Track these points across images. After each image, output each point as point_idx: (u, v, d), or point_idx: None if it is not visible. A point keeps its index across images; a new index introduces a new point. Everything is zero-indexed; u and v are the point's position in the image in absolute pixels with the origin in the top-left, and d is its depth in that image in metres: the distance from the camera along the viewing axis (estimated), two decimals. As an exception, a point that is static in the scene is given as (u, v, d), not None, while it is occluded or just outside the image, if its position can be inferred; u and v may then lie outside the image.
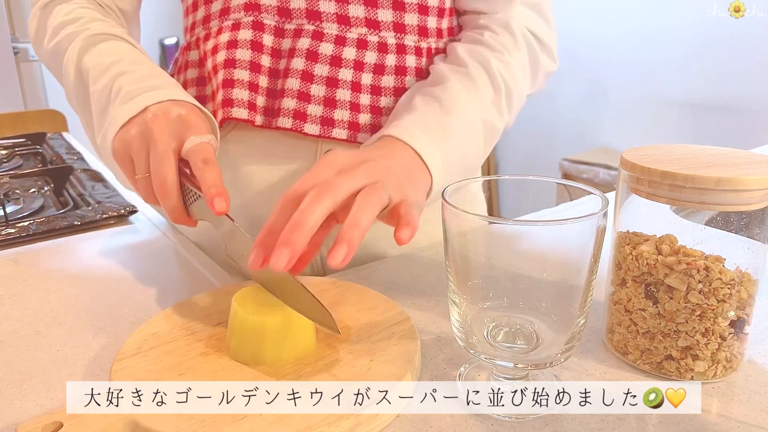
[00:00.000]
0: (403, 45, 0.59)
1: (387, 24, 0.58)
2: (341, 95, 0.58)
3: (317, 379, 0.39)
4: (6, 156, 1.09)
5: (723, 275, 0.38)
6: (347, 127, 0.58)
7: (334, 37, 0.57)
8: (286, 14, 0.57)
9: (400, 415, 0.38)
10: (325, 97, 0.57)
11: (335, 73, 0.57)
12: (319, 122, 0.57)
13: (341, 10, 0.57)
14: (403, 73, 0.60)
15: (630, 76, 2.51)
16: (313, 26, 0.57)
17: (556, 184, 0.78)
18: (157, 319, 0.46)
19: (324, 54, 0.57)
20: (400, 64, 0.59)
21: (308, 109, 0.57)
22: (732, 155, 0.41)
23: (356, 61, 0.58)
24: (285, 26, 0.57)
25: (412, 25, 0.59)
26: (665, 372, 0.41)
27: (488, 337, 0.39)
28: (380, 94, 0.59)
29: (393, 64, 0.59)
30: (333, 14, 0.57)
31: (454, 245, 0.37)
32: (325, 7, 0.57)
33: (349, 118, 0.58)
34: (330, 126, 0.58)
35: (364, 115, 0.58)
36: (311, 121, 0.57)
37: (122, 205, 0.79)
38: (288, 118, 0.57)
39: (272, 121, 0.57)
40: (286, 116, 0.57)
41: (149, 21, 2.64)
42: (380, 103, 0.59)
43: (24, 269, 0.63)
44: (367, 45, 0.58)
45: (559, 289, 0.37)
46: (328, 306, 0.46)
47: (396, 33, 0.59)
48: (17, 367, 0.45)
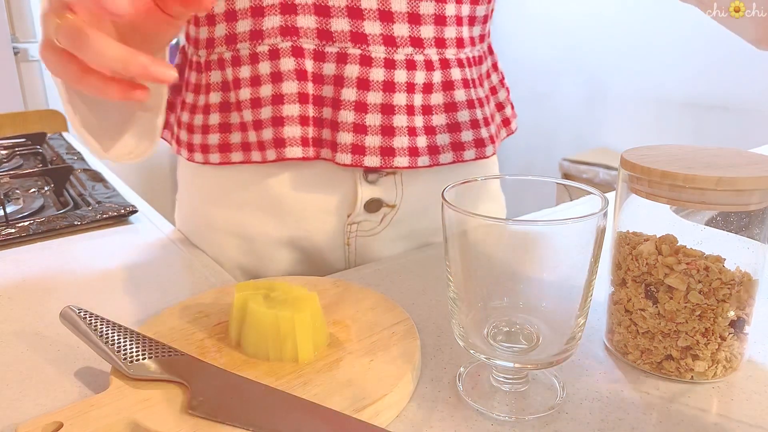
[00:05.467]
0: (446, 60, 0.57)
1: (429, 40, 0.55)
2: (398, 121, 0.55)
3: (317, 379, 0.39)
4: (6, 156, 1.09)
5: (723, 275, 0.38)
6: (408, 154, 0.56)
7: (383, 60, 0.54)
8: (327, 37, 0.53)
9: (400, 415, 0.38)
10: (382, 125, 0.55)
11: (389, 99, 0.55)
12: (378, 153, 0.55)
13: (386, 30, 0.53)
14: (451, 87, 0.58)
15: (630, 76, 2.51)
16: (359, 50, 0.53)
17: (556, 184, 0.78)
18: (157, 319, 0.46)
19: (376, 80, 0.54)
20: (446, 80, 0.58)
21: (366, 141, 0.55)
22: (732, 155, 0.41)
23: (408, 83, 0.55)
24: (325, 49, 0.53)
25: (451, 38, 0.57)
26: (665, 372, 0.41)
27: (488, 337, 0.39)
28: (431, 113, 0.57)
29: (440, 81, 0.57)
30: (379, 35, 0.53)
31: (454, 245, 0.37)
32: (371, 28, 0.53)
33: (408, 144, 0.56)
34: (390, 156, 0.55)
35: (420, 137, 0.57)
36: (370, 153, 0.55)
37: (122, 205, 0.79)
38: (347, 153, 0.55)
39: (329, 154, 0.55)
40: (344, 152, 0.55)
41: (149, 21, 2.61)
42: (432, 122, 0.57)
43: (24, 269, 0.63)
44: (415, 65, 0.55)
45: (559, 289, 0.37)
46: (328, 306, 0.46)
47: (438, 48, 0.56)
48: (17, 367, 0.45)
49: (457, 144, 0.59)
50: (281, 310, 0.41)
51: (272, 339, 0.41)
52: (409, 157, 0.56)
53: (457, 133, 0.59)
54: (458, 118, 0.59)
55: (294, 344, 0.40)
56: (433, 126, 0.57)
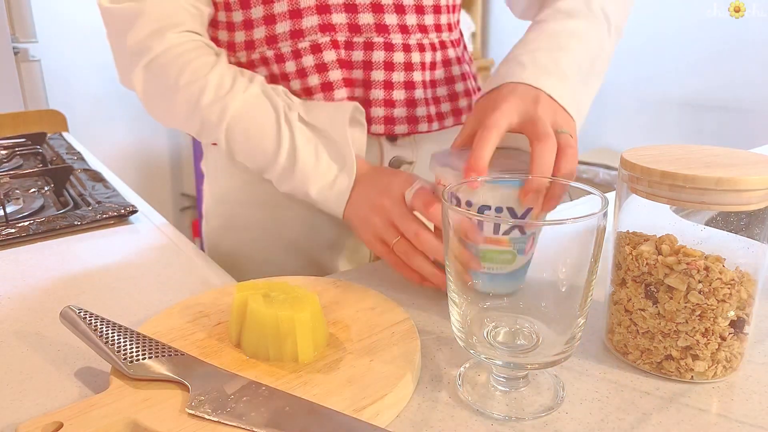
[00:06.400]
0: (444, 41, 0.69)
1: (431, 26, 0.67)
2: (418, 95, 0.67)
3: (317, 379, 0.39)
4: (6, 156, 1.09)
5: (723, 275, 0.38)
6: (426, 120, 0.68)
7: (401, 45, 0.65)
8: (356, 29, 0.63)
9: (400, 415, 0.38)
10: (406, 99, 0.66)
11: (410, 77, 0.66)
12: (405, 122, 0.67)
13: (401, 20, 0.64)
14: (449, 64, 0.70)
15: (630, 77, 2.51)
16: (382, 38, 0.64)
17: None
18: (156, 319, 0.46)
19: (398, 62, 0.65)
20: (444, 58, 0.70)
21: (395, 113, 0.66)
22: (732, 155, 0.41)
23: (421, 63, 0.67)
24: (354, 40, 0.63)
25: (444, 24, 0.69)
26: (665, 372, 0.41)
27: (488, 337, 0.39)
28: (436, 86, 0.69)
29: (440, 59, 0.69)
30: (396, 25, 0.64)
31: (454, 245, 0.37)
32: (390, 19, 0.64)
33: (426, 113, 0.68)
34: (414, 123, 0.67)
35: (431, 107, 0.69)
36: (399, 123, 0.66)
37: (122, 205, 0.79)
38: (380, 125, 0.66)
39: (369, 127, 0.65)
40: (378, 123, 0.66)
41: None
42: (437, 93, 0.69)
43: (24, 269, 0.63)
44: (424, 47, 0.66)
45: (559, 289, 0.37)
46: (328, 306, 0.46)
47: (437, 33, 0.68)
48: (17, 367, 0.45)
49: (456, 110, 0.72)
50: (281, 310, 0.41)
51: (272, 339, 0.41)
52: (427, 123, 0.68)
53: (455, 102, 0.71)
54: (456, 89, 0.72)
55: (294, 344, 0.40)
56: (438, 96, 0.70)
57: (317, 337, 0.42)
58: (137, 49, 0.60)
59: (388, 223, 0.54)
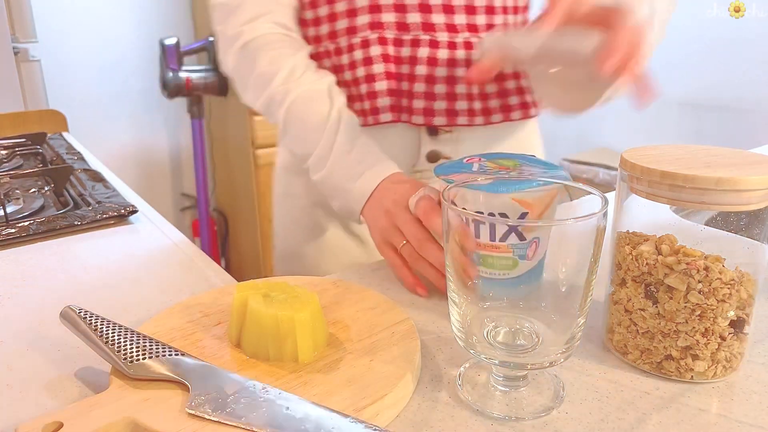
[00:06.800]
0: None
1: (482, 26, 0.71)
2: (459, 89, 0.70)
3: (317, 379, 0.39)
4: (6, 156, 1.09)
5: (723, 275, 0.38)
6: (466, 114, 0.71)
7: (447, 43, 0.69)
8: (404, 28, 0.69)
9: (400, 415, 0.38)
10: (447, 92, 0.70)
11: (452, 72, 0.70)
12: (444, 114, 0.70)
13: (449, 20, 0.69)
14: None
15: (630, 76, 2.50)
16: (428, 36, 0.69)
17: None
18: (156, 319, 0.46)
19: (441, 59, 0.69)
20: None
21: (435, 105, 0.70)
22: (732, 155, 0.41)
23: (466, 60, 0.70)
24: (402, 37, 0.69)
25: (498, 24, 0.72)
26: (665, 372, 0.41)
27: (488, 337, 0.39)
28: (504, 80, 0.72)
29: None
30: (443, 24, 0.69)
31: (453, 246, 0.37)
32: (437, 19, 0.69)
33: (467, 107, 0.71)
34: (454, 116, 0.71)
35: (476, 102, 0.72)
36: (438, 114, 0.70)
37: (122, 205, 0.79)
38: (420, 115, 0.70)
39: (407, 117, 0.70)
40: (418, 114, 0.70)
41: (149, 21, 2.61)
42: (486, 89, 0.72)
43: (24, 269, 0.63)
44: (472, 46, 0.70)
45: (559, 289, 0.37)
46: (328, 306, 0.46)
47: (488, 32, 0.71)
48: (17, 366, 0.45)
49: (506, 107, 0.73)
50: (281, 310, 0.41)
51: (272, 339, 0.41)
52: (467, 117, 0.71)
53: (505, 98, 0.73)
54: (506, 86, 0.73)
55: (294, 344, 0.40)
56: (487, 93, 0.72)
57: (317, 337, 0.42)
58: (232, 34, 0.71)
59: (394, 228, 0.57)
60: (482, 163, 0.54)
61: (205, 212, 2.36)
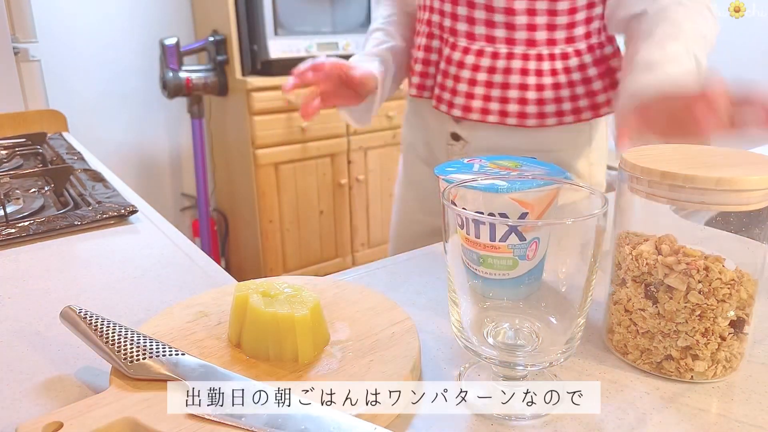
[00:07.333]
0: (553, 54, 0.81)
1: (542, 41, 0.80)
2: (477, 91, 0.83)
3: (316, 380, 0.39)
4: (6, 156, 1.09)
5: (723, 275, 0.38)
6: (480, 112, 0.84)
7: (505, 54, 0.81)
8: (471, 38, 0.83)
9: (400, 415, 0.38)
10: (466, 93, 0.84)
11: (474, 76, 0.83)
12: (461, 109, 0.85)
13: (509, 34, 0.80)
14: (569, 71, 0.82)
15: (630, 76, 2.50)
16: (492, 48, 0.82)
17: (556, 184, 0.81)
18: (156, 319, 0.46)
19: (471, 63, 0.83)
20: (553, 67, 0.82)
21: (455, 100, 0.85)
22: (732, 155, 0.41)
23: (522, 69, 0.81)
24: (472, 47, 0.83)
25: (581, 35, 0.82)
26: (665, 372, 0.41)
27: (488, 337, 0.39)
28: (527, 89, 0.82)
29: (549, 69, 0.81)
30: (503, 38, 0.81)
31: (455, 244, 0.37)
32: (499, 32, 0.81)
33: (481, 106, 0.84)
34: (468, 111, 0.84)
35: (493, 103, 0.83)
36: (456, 107, 0.85)
37: (122, 205, 0.79)
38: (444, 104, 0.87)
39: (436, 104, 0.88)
40: (442, 104, 0.87)
41: (149, 21, 2.60)
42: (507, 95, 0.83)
43: (24, 269, 0.63)
44: (529, 57, 0.80)
45: (559, 289, 0.37)
46: (328, 306, 0.46)
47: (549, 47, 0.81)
48: (17, 367, 0.45)
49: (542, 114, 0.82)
50: (281, 310, 0.41)
51: (272, 339, 0.41)
52: (480, 114, 0.84)
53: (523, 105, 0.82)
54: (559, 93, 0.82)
55: (294, 344, 0.40)
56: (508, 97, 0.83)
57: (317, 337, 0.42)
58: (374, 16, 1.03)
59: None
60: (482, 163, 0.54)
61: (205, 212, 2.36)
